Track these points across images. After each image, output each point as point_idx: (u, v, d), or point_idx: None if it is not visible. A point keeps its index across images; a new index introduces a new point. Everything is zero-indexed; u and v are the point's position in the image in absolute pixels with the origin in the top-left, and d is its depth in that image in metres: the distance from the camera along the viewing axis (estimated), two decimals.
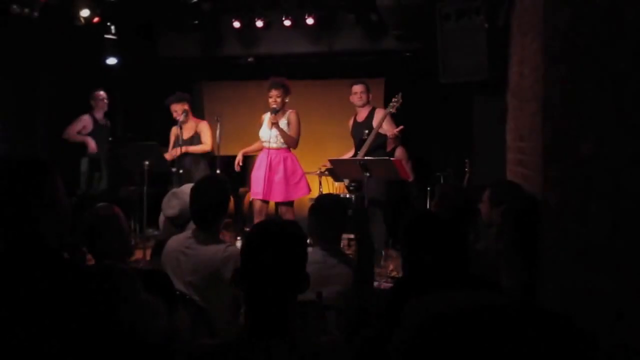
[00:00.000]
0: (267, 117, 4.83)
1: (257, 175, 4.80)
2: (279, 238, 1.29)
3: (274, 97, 4.72)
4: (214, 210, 2.42)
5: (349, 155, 5.08)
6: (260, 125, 4.92)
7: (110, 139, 6.09)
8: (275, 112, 4.70)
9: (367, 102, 5.01)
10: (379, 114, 4.85)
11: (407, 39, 5.55)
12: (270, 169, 4.71)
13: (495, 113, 4.26)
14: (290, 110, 4.83)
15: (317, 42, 6.26)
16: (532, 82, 2.92)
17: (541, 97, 1.92)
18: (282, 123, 4.77)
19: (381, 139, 4.77)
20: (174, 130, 5.36)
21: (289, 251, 1.28)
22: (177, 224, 2.85)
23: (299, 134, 4.83)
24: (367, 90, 4.99)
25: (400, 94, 4.71)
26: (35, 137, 5.87)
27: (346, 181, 5.00)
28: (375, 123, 4.79)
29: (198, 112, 7.22)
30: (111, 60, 6.05)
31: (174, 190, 3.00)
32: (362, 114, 5.00)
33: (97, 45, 5.94)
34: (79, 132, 5.69)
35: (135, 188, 5.48)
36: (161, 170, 5.17)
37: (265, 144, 4.77)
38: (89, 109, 5.80)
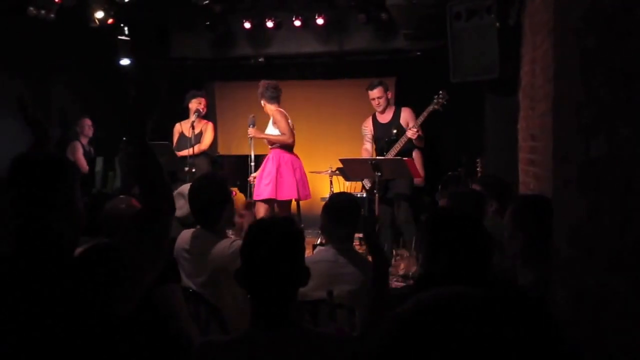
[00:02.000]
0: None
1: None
2: (273, 235, 1.31)
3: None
4: (214, 208, 2.41)
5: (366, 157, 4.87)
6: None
7: (123, 138, 6.16)
8: (253, 124, 4.90)
9: (388, 104, 4.80)
10: (405, 112, 4.66)
11: (418, 38, 5.53)
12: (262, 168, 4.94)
13: (507, 112, 4.24)
14: (274, 110, 4.88)
15: (327, 42, 6.27)
16: (543, 81, 2.90)
17: (552, 96, 1.91)
18: (269, 127, 4.90)
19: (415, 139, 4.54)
20: (178, 127, 5.38)
21: (284, 247, 1.30)
22: (186, 223, 2.81)
23: (286, 130, 4.81)
24: (385, 91, 4.77)
25: (444, 91, 4.48)
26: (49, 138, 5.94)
27: (367, 182, 4.77)
28: (403, 122, 4.58)
29: (210, 112, 7.27)
30: (124, 61, 6.12)
31: (179, 190, 2.94)
32: (385, 116, 4.81)
33: (111, 46, 6.00)
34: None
35: None
36: (174, 169, 5.22)
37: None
38: (77, 136, 5.79)
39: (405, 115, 4.69)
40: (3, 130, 5.43)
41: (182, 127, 5.39)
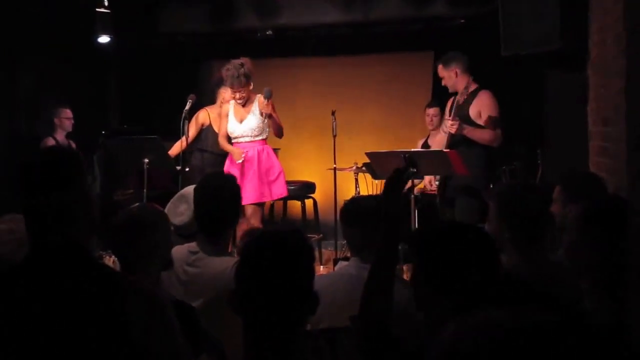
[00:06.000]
0: (231, 107, 4.96)
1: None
2: (274, 251, 1.31)
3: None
4: (224, 216, 2.43)
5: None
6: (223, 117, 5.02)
7: (103, 132, 6.22)
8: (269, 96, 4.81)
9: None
10: (481, 97, 4.39)
11: (461, 3, 5.51)
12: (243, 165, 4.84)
13: (573, 91, 4.20)
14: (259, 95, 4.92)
15: (349, 10, 6.27)
16: (616, 53, 2.88)
17: (625, 71, 1.90)
18: (251, 116, 4.89)
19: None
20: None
21: (289, 268, 1.29)
22: (185, 234, 2.75)
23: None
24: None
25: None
26: (13, 132, 6.02)
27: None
28: (474, 109, 4.38)
29: (209, 96, 7.35)
30: (103, 39, 6.18)
31: (182, 192, 2.96)
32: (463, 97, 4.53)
33: (87, 20, 6.07)
34: None
35: (133, 192, 5.58)
36: (164, 169, 5.24)
37: (239, 139, 4.90)
38: (50, 131, 5.75)
39: (479, 101, 4.40)
40: None
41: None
